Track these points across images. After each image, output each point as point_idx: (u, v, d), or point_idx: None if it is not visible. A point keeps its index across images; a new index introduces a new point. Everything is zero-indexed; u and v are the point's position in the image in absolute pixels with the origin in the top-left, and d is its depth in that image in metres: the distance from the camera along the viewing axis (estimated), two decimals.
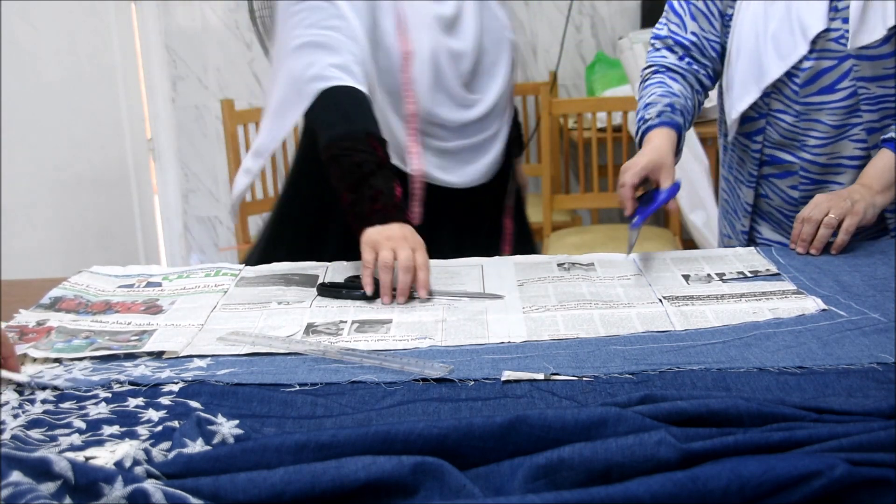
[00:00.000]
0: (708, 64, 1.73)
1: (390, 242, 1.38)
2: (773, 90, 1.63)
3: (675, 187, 1.53)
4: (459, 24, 1.68)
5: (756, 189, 1.73)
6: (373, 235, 1.40)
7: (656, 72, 1.74)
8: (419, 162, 1.65)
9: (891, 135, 1.54)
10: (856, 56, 1.55)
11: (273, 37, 1.68)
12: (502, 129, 1.79)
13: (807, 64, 1.58)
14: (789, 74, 1.59)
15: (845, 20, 1.55)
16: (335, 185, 1.50)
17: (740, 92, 1.65)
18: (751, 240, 1.76)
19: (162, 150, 3.90)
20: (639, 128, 1.67)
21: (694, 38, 1.72)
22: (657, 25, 1.79)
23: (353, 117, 1.51)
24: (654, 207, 1.50)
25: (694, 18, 1.71)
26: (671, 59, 1.73)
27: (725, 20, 1.69)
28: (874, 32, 1.52)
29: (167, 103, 3.89)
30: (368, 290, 1.35)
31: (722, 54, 1.72)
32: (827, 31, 1.55)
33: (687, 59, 1.73)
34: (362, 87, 1.54)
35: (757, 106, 1.66)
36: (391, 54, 1.62)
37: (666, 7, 1.77)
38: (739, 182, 1.77)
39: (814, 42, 1.56)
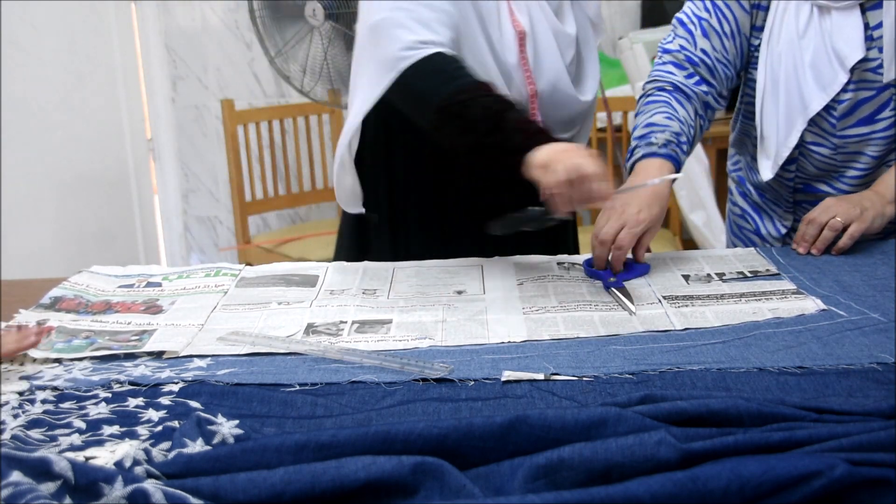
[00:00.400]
0: (716, 85, 1.64)
1: (568, 154, 1.28)
2: (809, 124, 1.56)
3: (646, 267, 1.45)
4: (563, 10, 1.64)
5: (794, 213, 1.70)
6: (545, 155, 1.30)
7: (662, 89, 1.64)
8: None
9: None
10: (895, 85, 1.50)
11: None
12: (586, 128, 1.73)
13: (845, 96, 1.53)
14: (827, 107, 1.54)
15: (881, 49, 1.49)
16: (461, 140, 1.40)
17: (786, 127, 1.57)
18: None
19: (162, 150, 3.90)
20: (636, 146, 1.57)
21: (703, 57, 1.63)
22: (666, 37, 1.70)
23: (459, 74, 1.43)
24: (637, 273, 1.42)
25: (706, 35, 1.62)
26: (679, 76, 1.64)
27: (751, 48, 1.62)
28: (893, 64, 1.48)
29: (167, 103, 3.89)
30: (565, 208, 1.27)
31: (732, 78, 1.65)
32: (864, 60, 1.50)
33: (696, 78, 1.63)
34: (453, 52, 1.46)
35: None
36: (504, 34, 1.56)
37: (674, 21, 1.69)
38: (775, 205, 1.73)
39: (851, 72, 1.51)
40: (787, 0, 1.56)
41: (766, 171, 1.62)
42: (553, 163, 1.28)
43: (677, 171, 1.54)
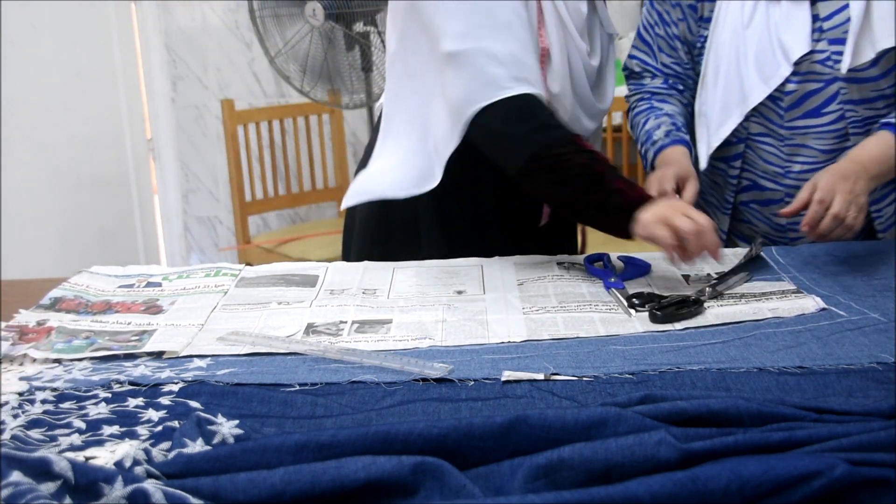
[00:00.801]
0: (684, 90, 1.70)
1: (677, 211, 1.32)
2: (755, 114, 1.57)
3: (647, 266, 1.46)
4: (589, 31, 1.58)
5: (732, 215, 1.69)
6: (657, 212, 1.33)
7: (642, 98, 1.70)
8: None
9: (892, 119, 1.47)
10: (844, 79, 1.50)
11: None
12: (598, 130, 1.73)
13: (791, 87, 1.52)
14: (773, 98, 1.54)
15: (832, 41, 1.49)
16: (555, 191, 1.43)
17: (721, 117, 1.58)
18: None
19: (162, 150, 3.90)
20: (647, 150, 1.62)
21: (665, 68, 1.69)
22: (628, 56, 1.74)
23: (552, 122, 1.44)
24: (638, 272, 1.43)
25: (661, 49, 1.68)
26: (652, 84, 1.69)
27: (697, 46, 1.63)
28: (862, 55, 1.47)
29: (167, 103, 3.89)
30: (687, 261, 1.33)
31: (695, 82, 1.67)
32: (812, 52, 1.49)
33: (669, 82, 1.69)
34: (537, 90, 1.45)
35: (735, 130, 1.59)
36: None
37: (634, 36, 1.72)
38: (714, 208, 1.73)
39: (798, 64, 1.50)
40: None
41: (702, 160, 1.63)
42: (669, 219, 1.31)
43: (689, 151, 1.60)
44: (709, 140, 1.61)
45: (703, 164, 1.63)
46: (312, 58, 2.96)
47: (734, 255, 1.50)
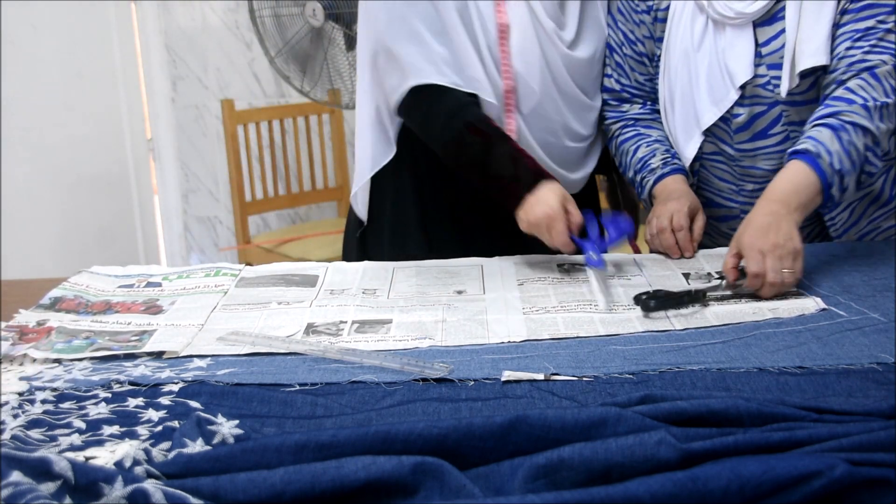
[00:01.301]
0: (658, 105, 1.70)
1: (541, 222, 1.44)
2: (708, 135, 1.59)
3: (630, 224, 1.49)
4: (566, 11, 1.62)
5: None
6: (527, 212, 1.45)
7: (626, 126, 1.70)
8: (516, 138, 1.60)
9: (805, 146, 1.41)
10: (784, 102, 1.51)
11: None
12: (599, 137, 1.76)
13: (739, 110, 1.54)
14: (723, 119, 1.56)
15: (770, 66, 1.51)
16: (468, 174, 1.57)
17: (685, 138, 1.61)
18: None
19: (162, 150, 3.89)
20: (644, 178, 1.63)
21: (640, 86, 1.69)
22: (605, 78, 1.73)
23: (462, 107, 1.54)
24: (621, 232, 1.47)
25: (633, 69, 1.68)
26: (633, 110, 1.70)
27: (654, 62, 1.65)
28: (791, 79, 1.48)
29: (167, 103, 3.88)
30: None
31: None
32: (754, 77, 1.51)
33: (648, 106, 1.70)
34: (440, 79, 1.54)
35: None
36: (486, 25, 1.56)
37: (607, 56, 1.71)
38: None
39: (743, 88, 1.52)
40: (682, 8, 1.57)
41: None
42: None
43: (686, 177, 1.62)
44: (684, 159, 1.63)
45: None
46: (312, 58, 2.96)
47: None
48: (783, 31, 1.49)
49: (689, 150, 1.61)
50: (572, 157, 1.69)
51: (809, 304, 1.26)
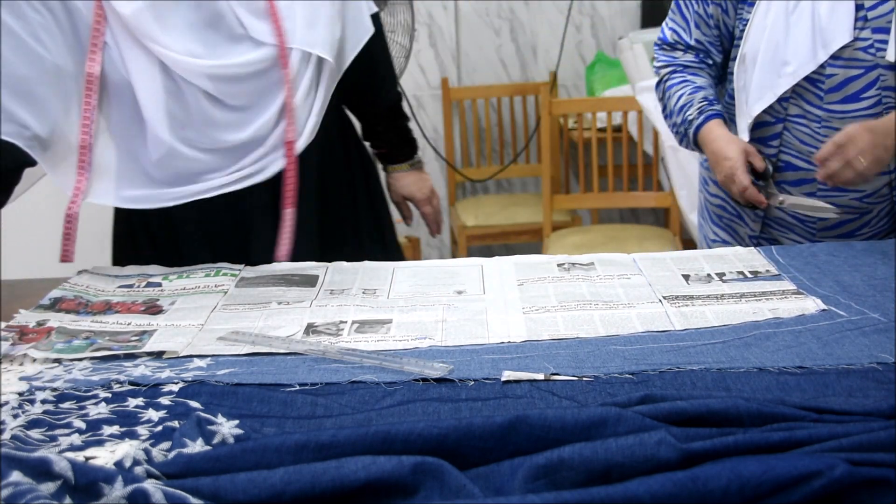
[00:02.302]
0: (713, 65, 1.76)
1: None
2: (793, 95, 1.62)
3: None
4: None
5: (763, 217, 1.73)
6: None
7: (674, 71, 1.76)
8: (79, 202, 1.56)
9: None
10: (885, 66, 1.54)
11: None
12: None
13: (832, 70, 1.57)
14: (813, 81, 1.59)
15: (875, 30, 1.54)
16: None
17: (757, 95, 1.64)
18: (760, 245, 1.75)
19: None
20: (685, 130, 1.72)
21: (697, 45, 1.74)
22: (664, 27, 1.80)
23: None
24: None
25: (697, 26, 1.73)
26: (683, 58, 1.76)
27: (740, 28, 1.68)
28: None
29: None
30: None
31: (724, 61, 1.75)
32: (855, 40, 1.54)
33: (700, 56, 1.76)
34: None
35: (774, 110, 1.64)
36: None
37: (672, 8, 1.78)
38: (747, 210, 1.76)
39: (841, 50, 1.55)
40: None
41: (742, 133, 1.69)
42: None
43: (724, 122, 1.70)
44: (744, 116, 1.68)
45: (744, 137, 1.69)
46: None
47: (734, 256, 1.50)
48: None
49: (757, 106, 1.64)
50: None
51: (809, 304, 1.26)
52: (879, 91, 1.56)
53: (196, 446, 0.89)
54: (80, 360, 1.15)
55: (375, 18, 1.72)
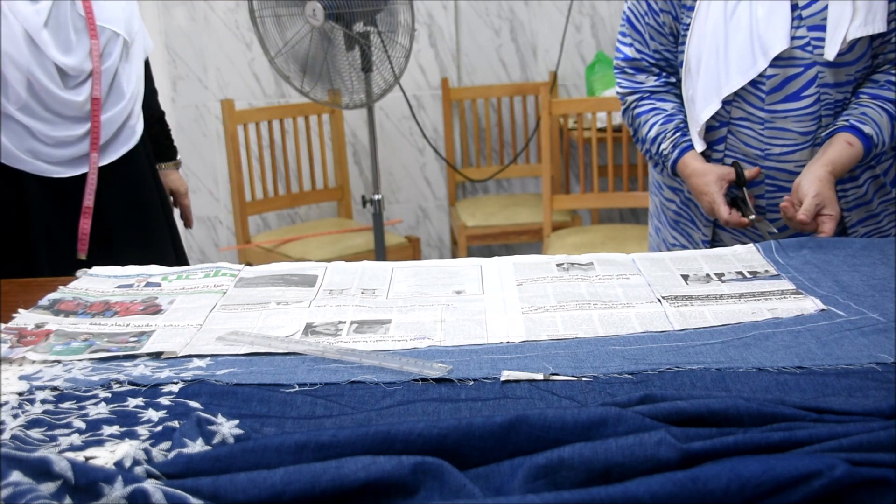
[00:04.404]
0: (676, 82, 1.77)
1: None
2: (735, 99, 1.65)
3: None
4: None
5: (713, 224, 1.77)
6: None
7: (641, 98, 1.78)
8: None
9: (867, 129, 1.57)
10: (822, 63, 1.57)
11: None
12: None
13: (772, 71, 1.60)
14: (754, 83, 1.61)
15: (811, 28, 1.56)
16: None
17: (702, 103, 1.67)
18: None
19: None
20: (662, 162, 1.75)
21: (658, 56, 1.75)
22: (619, 46, 1.80)
23: None
24: None
25: (653, 38, 1.74)
26: (649, 82, 1.77)
27: (681, 33, 1.70)
28: (843, 43, 1.55)
29: (167, 103, 3.88)
30: None
31: (677, 67, 1.76)
32: (792, 39, 1.57)
33: (664, 77, 1.76)
34: None
35: (718, 115, 1.67)
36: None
37: (623, 24, 1.79)
38: (697, 215, 1.79)
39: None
40: None
41: (696, 143, 1.71)
42: None
43: (708, 157, 1.73)
44: (690, 124, 1.71)
45: (698, 147, 1.71)
46: (312, 58, 2.96)
47: (733, 256, 1.50)
48: None
49: (704, 114, 1.67)
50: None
51: (808, 305, 1.26)
52: (818, 89, 1.59)
53: (196, 446, 0.89)
54: (80, 360, 1.15)
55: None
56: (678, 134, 1.71)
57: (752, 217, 1.63)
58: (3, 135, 1.71)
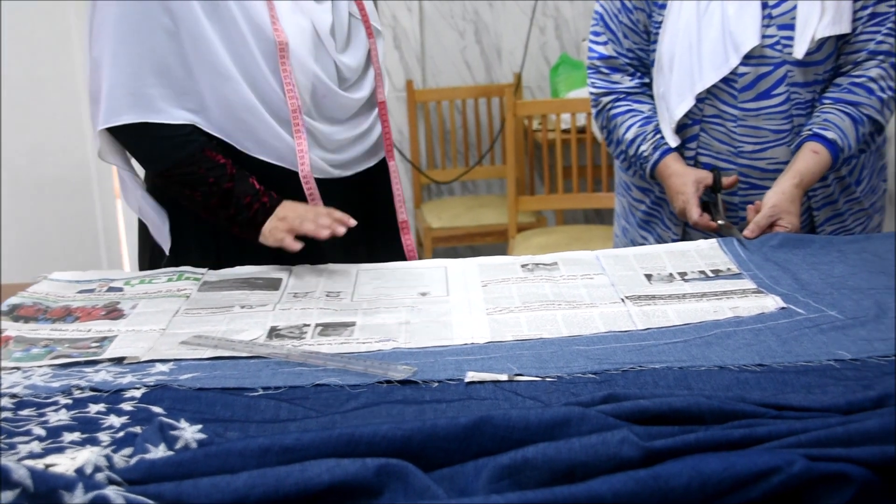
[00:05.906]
0: (647, 77, 1.77)
1: (293, 213, 1.51)
2: (708, 97, 1.66)
3: None
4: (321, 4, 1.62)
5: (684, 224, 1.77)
6: (272, 224, 1.52)
7: (617, 99, 1.77)
8: (307, 162, 1.60)
9: (832, 135, 1.59)
10: (791, 62, 1.59)
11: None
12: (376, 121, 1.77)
13: (744, 69, 1.62)
14: (727, 80, 1.63)
15: (780, 27, 1.59)
16: (185, 202, 1.58)
17: (676, 100, 1.68)
18: None
19: None
20: (640, 164, 1.74)
21: (631, 55, 1.75)
22: (593, 45, 1.78)
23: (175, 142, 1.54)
24: None
25: (626, 36, 1.74)
26: (625, 83, 1.77)
27: (653, 31, 1.71)
28: (811, 42, 1.58)
29: None
30: (296, 246, 1.48)
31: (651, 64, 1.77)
32: (762, 37, 1.59)
33: (638, 77, 1.76)
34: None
35: (690, 112, 1.69)
36: (260, 42, 1.53)
37: (596, 22, 1.77)
38: (668, 216, 1.81)
39: (750, 48, 1.60)
40: None
41: (669, 139, 1.72)
42: (286, 223, 1.52)
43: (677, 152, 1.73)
44: (670, 120, 1.71)
45: (671, 143, 1.72)
46: None
47: (696, 252, 1.52)
48: None
49: (678, 110, 1.68)
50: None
51: (769, 303, 1.28)
52: (788, 87, 1.62)
53: (159, 452, 0.88)
54: (40, 366, 1.14)
55: None
56: (658, 136, 1.71)
57: (721, 223, 1.64)
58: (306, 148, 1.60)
